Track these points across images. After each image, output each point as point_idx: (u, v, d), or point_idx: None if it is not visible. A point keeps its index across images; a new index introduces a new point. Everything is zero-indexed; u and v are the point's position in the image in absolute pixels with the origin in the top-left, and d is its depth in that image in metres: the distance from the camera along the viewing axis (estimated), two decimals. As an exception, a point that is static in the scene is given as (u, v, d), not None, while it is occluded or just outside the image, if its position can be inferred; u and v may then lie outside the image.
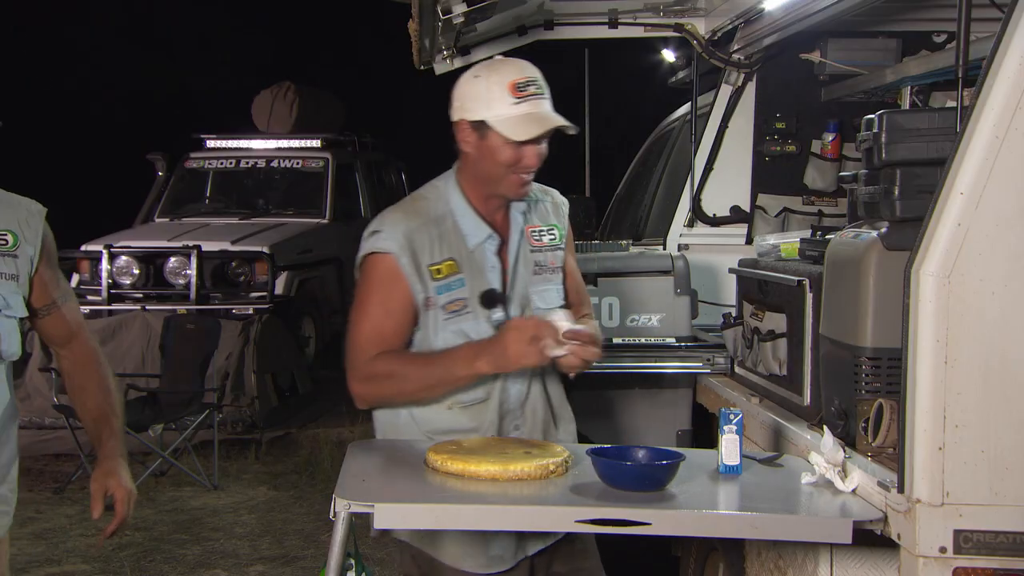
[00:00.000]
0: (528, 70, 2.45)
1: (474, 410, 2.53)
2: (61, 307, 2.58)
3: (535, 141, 2.43)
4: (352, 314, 2.52)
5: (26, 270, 2.46)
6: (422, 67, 4.54)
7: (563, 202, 2.72)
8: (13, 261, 2.44)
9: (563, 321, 2.37)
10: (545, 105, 2.44)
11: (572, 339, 2.35)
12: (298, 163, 10.35)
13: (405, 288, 2.46)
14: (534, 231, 2.61)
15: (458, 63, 4.57)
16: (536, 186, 2.64)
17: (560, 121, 2.43)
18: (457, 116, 2.47)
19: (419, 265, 2.46)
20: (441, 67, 4.60)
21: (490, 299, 2.50)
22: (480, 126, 2.43)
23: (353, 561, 2.34)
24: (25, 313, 2.47)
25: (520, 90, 2.40)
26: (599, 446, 2.46)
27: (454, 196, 2.53)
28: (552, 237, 2.64)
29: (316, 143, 10.56)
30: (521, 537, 2.52)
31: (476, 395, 2.52)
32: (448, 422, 2.53)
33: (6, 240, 2.43)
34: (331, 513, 2.11)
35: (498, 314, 2.51)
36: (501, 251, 2.55)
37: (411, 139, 14.41)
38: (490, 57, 2.59)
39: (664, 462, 2.29)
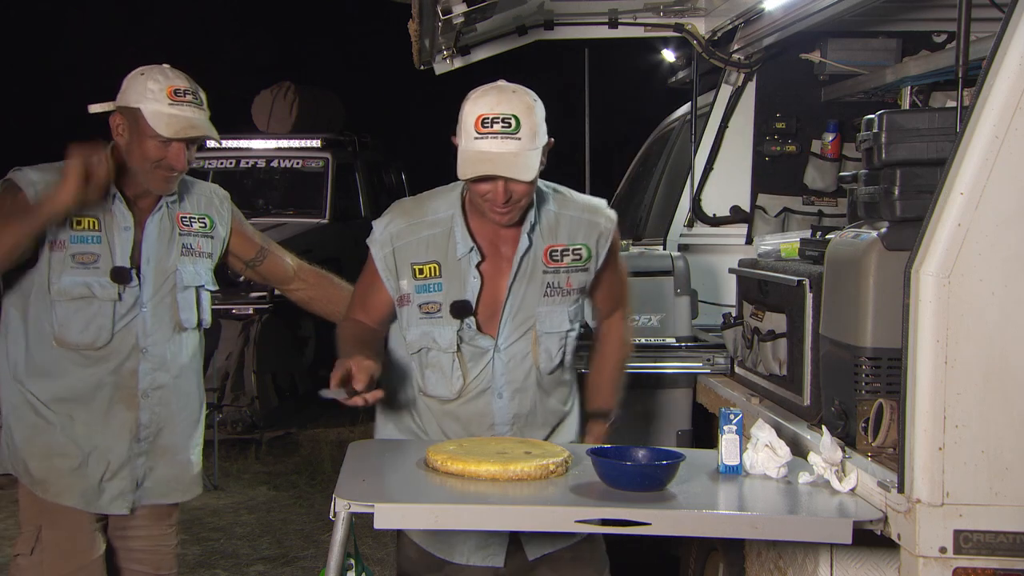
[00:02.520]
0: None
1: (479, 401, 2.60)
2: (271, 250, 2.97)
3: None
4: None
5: (219, 249, 2.86)
6: (422, 67, 4.53)
7: (606, 221, 2.62)
8: (210, 241, 2.80)
9: None
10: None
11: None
12: (298, 163, 10.33)
13: (378, 283, 2.60)
14: (554, 251, 2.56)
15: (458, 63, 4.57)
16: (582, 200, 2.63)
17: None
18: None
19: (400, 262, 2.54)
20: (441, 67, 4.59)
21: (459, 310, 2.52)
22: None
23: (353, 561, 2.34)
24: (217, 287, 2.83)
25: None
26: (599, 446, 2.47)
27: (457, 204, 2.57)
28: (577, 258, 2.58)
29: (316, 143, 10.54)
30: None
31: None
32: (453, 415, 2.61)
33: (205, 223, 2.79)
34: (331, 513, 2.12)
35: (467, 327, 2.53)
36: (480, 266, 2.54)
37: (411, 139, 14.40)
38: (489, 57, 2.66)
39: (664, 462, 2.29)
